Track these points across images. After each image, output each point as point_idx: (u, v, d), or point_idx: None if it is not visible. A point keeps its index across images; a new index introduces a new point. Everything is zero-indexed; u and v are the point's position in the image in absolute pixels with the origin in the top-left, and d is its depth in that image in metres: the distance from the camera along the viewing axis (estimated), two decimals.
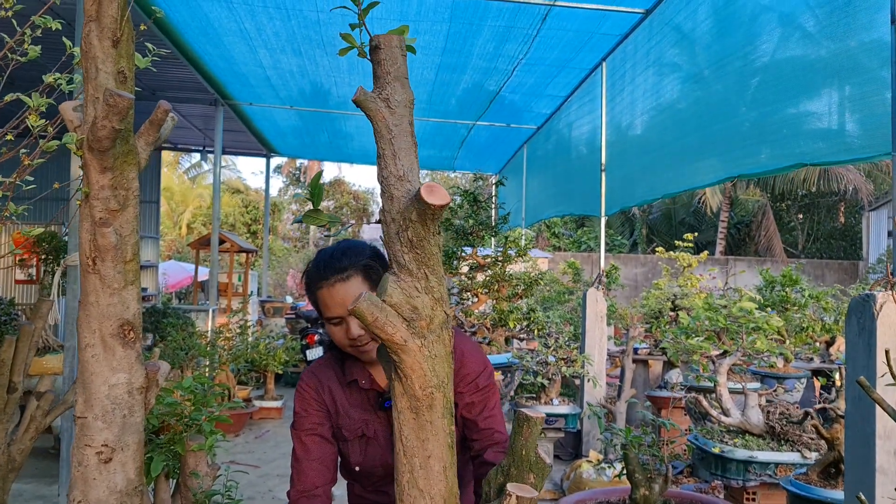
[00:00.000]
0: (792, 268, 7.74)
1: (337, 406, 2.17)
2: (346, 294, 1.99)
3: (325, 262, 2.05)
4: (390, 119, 1.36)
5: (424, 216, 1.27)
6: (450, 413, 1.36)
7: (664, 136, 5.76)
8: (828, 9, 3.59)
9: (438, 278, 1.33)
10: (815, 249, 25.27)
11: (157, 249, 14.01)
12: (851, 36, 3.35)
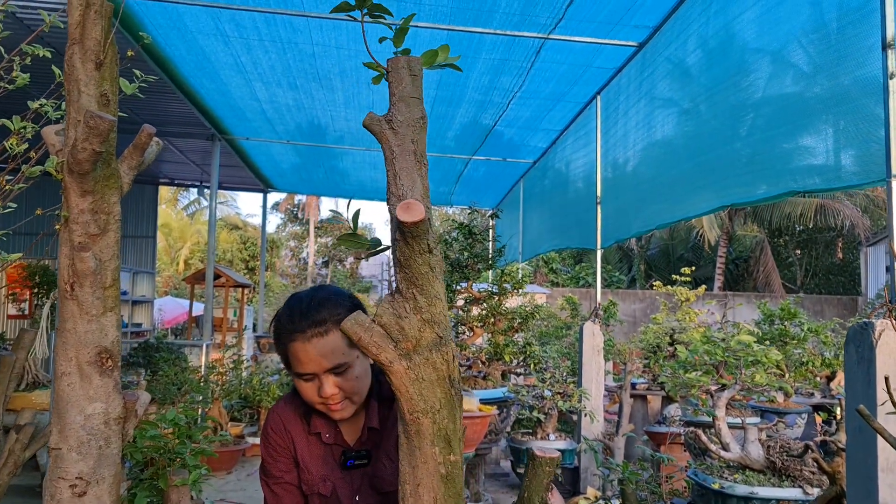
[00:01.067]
0: (791, 301, 7.69)
1: (297, 456, 2.01)
2: (322, 349, 1.83)
3: (300, 313, 1.88)
4: (393, 140, 1.39)
5: (405, 235, 1.29)
6: (445, 441, 1.30)
7: (658, 168, 5.76)
8: (820, 46, 3.63)
9: (428, 298, 1.33)
10: (813, 285, 25.23)
11: (153, 285, 13.94)
12: (844, 73, 3.38)
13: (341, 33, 5.94)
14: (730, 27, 4.55)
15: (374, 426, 1.98)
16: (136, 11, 5.87)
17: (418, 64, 1.46)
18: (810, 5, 3.69)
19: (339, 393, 1.86)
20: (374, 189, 13.63)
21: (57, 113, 2.76)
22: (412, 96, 1.41)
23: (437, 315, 1.32)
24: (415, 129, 1.39)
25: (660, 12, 5.33)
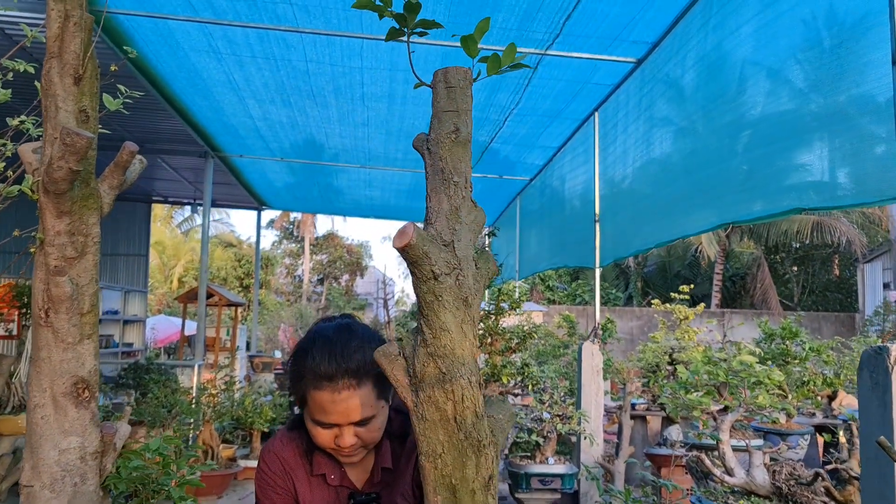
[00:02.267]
0: (791, 320, 7.58)
1: (299, 500, 1.86)
2: (352, 403, 1.67)
3: (331, 357, 1.68)
4: (428, 159, 1.40)
5: (406, 260, 1.28)
6: (449, 491, 1.20)
7: (657, 186, 5.67)
8: (816, 63, 3.58)
9: (433, 330, 1.29)
10: (810, 302, 25.15)
11: (145, 304, 13.79)
12: (841, 90, 3.33)
13: (335, 49, 5.86)
14: (728, 43, 4.48)
15: (387, 466, 1.85)
16: (125, 27, 5.79)
17: (457, 75, 1.42)
18: (805, 23, 3.63)
19: (357, 442, 1.73)
20: (370, 207, 13.53)
21: (38, 130, 2.65)
22: (445, 110, 1.38)
23: (441, 348, 1.24)
24: (444, 146, 1.36)
25: (659, 27, 5.26)
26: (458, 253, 1.35)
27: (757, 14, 3.93)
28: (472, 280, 1.34)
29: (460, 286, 1.32)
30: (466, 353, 1.30)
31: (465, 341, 1.30)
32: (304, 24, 5.51)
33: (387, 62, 6.02)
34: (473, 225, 1.40)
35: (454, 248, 1.35)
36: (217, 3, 5.24)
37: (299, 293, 39.15)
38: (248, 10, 5.32)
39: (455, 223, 1.38)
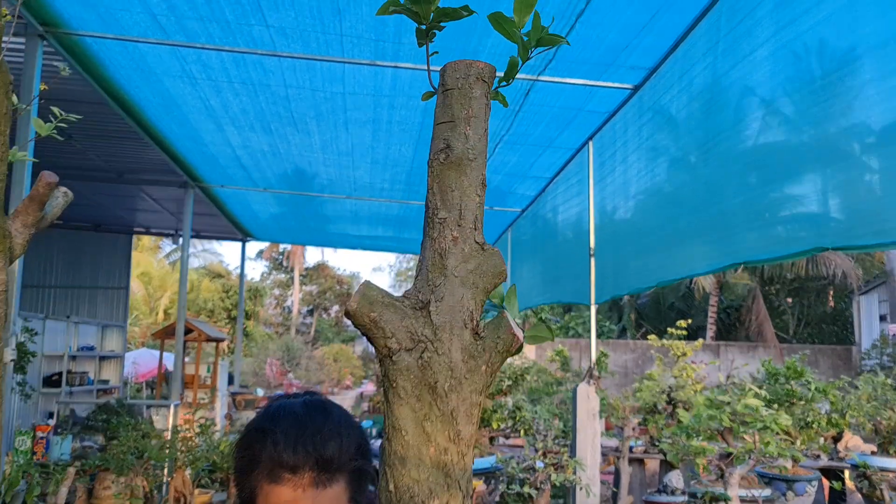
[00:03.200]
0: (796, 358, 7.22)
1: None
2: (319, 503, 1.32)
3: (300, 439, 1.34)
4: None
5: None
6: None
7: (658, 221, 5.35)
8: (804, 93, 3.46)
9: (387, 430, 1.04)
10: (806, 334, 24.82)
11: (123, 339, 13.31)
12: (830, 122, 3.23)
13: (315, 74, 5.55)
14: (736, 72, 4.18)
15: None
16: (94, 51, 5.47)
17: (455, 72, 1.04)
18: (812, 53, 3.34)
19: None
20: (358, 238, 13.20)
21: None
22: (439, 122, 1.05)
23: (393, 455, 0.91)
24: (433, 171, 1.03)
25: (657, 53, 4.97)
26: (436, 318, 0.97)
27: (769, 39, 3.63)
28: (457, 357, 0.97)
29: (425, 367, 0.95)
30: (429, 463, 0.94)
31: (426, 446, 0.93)
32: (283, 48, 5.20)
33: (370, 87, 5.70)
34: (473, 277, 1.00)
35: (429, 313, 0.98)
36: (189, 25, 4.92)
37: (288, 324, 38.63)
38: (221, 33, 5.01)
39: (438, 276, 1.01)
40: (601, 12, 4.34)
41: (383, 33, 4.81)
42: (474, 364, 0.95)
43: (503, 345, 0.96)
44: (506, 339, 0.96)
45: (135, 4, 4.59)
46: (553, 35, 1.06)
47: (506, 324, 0.97)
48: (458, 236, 1.00)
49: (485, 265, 1.00)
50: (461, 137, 1.02)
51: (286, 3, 4.49)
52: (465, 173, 1.01)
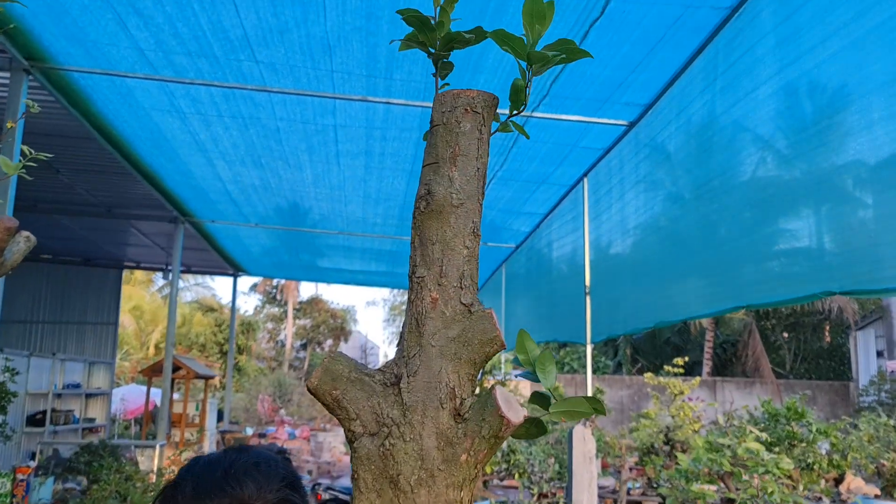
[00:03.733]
0: (796, 399, 7.06)
1: None
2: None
3: (209, 483, 1.22)
4: None
5: None
6: None
7: (653, 258, 5.24)
8: (797, 128, 3.45)
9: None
10: (803, 370, 24.63)
11: (111, 376, 13.06)
12: (823, 158, 3.21)
13: (306, 108, 5.47)
14: (732, 107, 4.11)
15: None
16: (81, 86, 5.38)
17: (442, 105, 0.92)
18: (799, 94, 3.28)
19: None
20: (351, 272, 13.07)
21: None
22: (424, 165, 0.94)
23: None
24: (415, 221, 0.92)
25: (653, 89, 4.90)
26: (407, 397, 0.84)
27: (772, 77, 3.55)
28: (430, 443, 0.82)
29: (387, 456, 0.81)
30: None
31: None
32: (272, 83, 5.12)
33: (362, 119, 5.62)
34: (455, 346, 0.84)
35: (400, 390, 0.84)
36: (177, 60, 4.84)
37: (281, 359, 38.26)
38: (210, 69, 4.93)
39: (413, 345, 0.86)
40: (596, 48, 4.27)
41: (374, 69, 4.73)
42: (452, 453, 0.79)
43: (489, 429, 0.79)
44: (492, 422, 0.79)
45: (122, 39, 4.51)
46: (575, 47, 0.93)
47: (493, 402, 0.80)
48: (437, 297, 0.85)
49: (471, 331, 0.84)
50: (444, 181, 0.88)
51: (276, 40, 4.42)
52: (448, 222, 0.87)
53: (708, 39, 4.24)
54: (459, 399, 0.82)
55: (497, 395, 0.81)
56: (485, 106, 0.90)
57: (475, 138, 0.89)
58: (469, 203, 0.89)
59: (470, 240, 0.88)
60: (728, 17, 4.04)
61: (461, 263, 0.87)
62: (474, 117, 0.90)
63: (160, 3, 4.04)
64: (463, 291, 0.86)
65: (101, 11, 4.20)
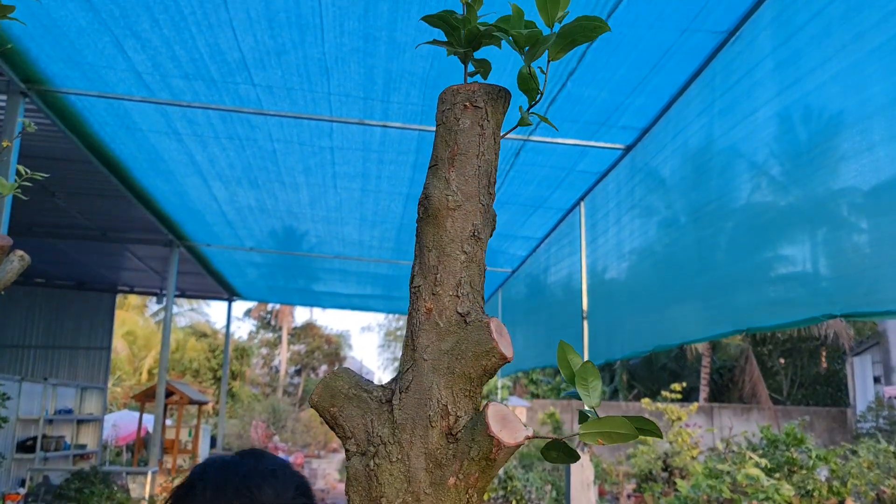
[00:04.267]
0: (795, 424, 7.01)
1: None
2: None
3: (227, 486, 1.21)
4: None
5: None
6: None
7: (651, 282, 5.22)
8: (791, 154, 3.47)
9: None
10: (800, 396, 24.52)
11: (104, 401, 12.91)
12: (818, 184, 3.23)
13: (303, 129, 5.46)
14: (731, 130, 4.11)
15: None
16: (78, 108, 5.38)
17: (444, 102, 0.87)
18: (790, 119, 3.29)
19: None
20: (346, 296, 13.01)
21: None
22: (428, 167, 0.88)
23: None
24: (417, 228, 0.86)
25: (650, 113, 4.91)
26: (399, 415, 0.79)
27: (773, 98, 3.56)
28: (418, 464, 0.77)
29: (371, 477, 0.77)
30: None
31: None
32: (269, 105, 5.12)
33: (359, 141, 5.61)
34: (448, 359, 0.78)
35: (392, 407, 0.80)
36: (174, 83, 4.84)
37: (275, 385, 37.99)
38: (207, 91, 4.93)
39: (407, 359, 0.82)
40: (593, 70, 4.28)
41: (371, 91, 4.74)
42: (440, 475, 0.74)
43: (479, 451, 0.72)
44: (482, 443, 0.72)
45: (118, 62, 4.51)
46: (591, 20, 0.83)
47: (482, 422, 0.73)
48: (431, 307, 0.80)
49: (464, 343, 0.78)
50: (441, 183, 0.83)
51: (273, 62, 4.42)
52: (444, 226, 0.82)
53: (704, 63, 4.26)
54: (454, 417, 0.76)
55: (489, 413, 0.73)
56: (488, 99, 0.86)
57: (476, 135, 0.85)
58: (468, 205, 0.84)
59: (469, 244, 0.83)
60: (724, 41, 4.06)
61: (458, 270, 0.82)
62: (475, 112, 0.85)
63: (157, 26, 4.05)
64: (460, 300, 0.81)
65: (98, 34, 4.20)
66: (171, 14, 3.93)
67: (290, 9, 3.85)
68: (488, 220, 0.86)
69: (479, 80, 0.92)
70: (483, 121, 0.85)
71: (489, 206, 0.86)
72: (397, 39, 3.99)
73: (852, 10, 2.85)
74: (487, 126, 0.85)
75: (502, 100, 0.88)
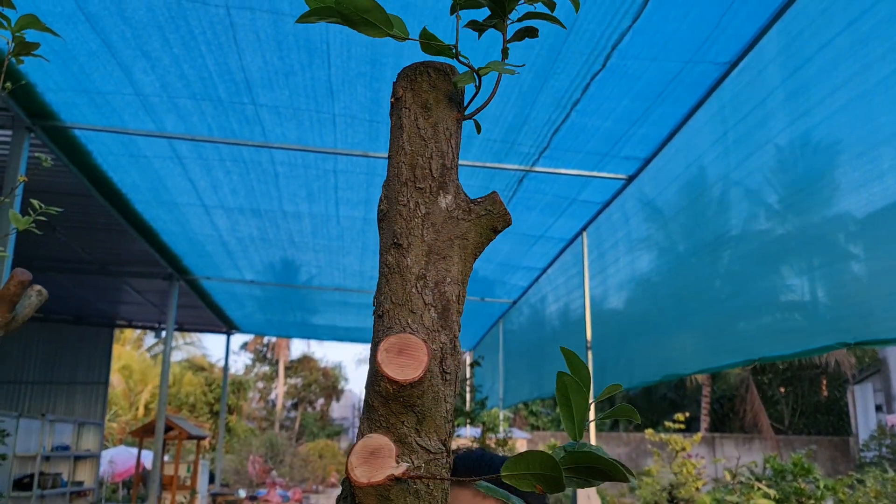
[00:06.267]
0: (802, 454, 6.95)
1: None
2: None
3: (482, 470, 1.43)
4: None
5: None
6: None
7: (655, 311, 5.22)
8: (786, 181, 3.55)
9: None
10: (802, 425, 24.37)
11: (100, 437, 12.76)
12: (814, 211, 3.30)
13: (308, 153, 5.46)
14: (732, 161, 4.14)
15: None
16: (82, 141, 5.38)
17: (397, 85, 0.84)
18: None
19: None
20: (345, 329, 12.95)
21: None
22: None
23: None
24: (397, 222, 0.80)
25: (652, 143, 4.93)
26: None
27: (782, 129, 3.59)
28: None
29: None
30: None
31: None
32: (274, 126, 5.09)
33: (363, 165, 5.61)
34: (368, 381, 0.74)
35: None
36: (181, 103, 4.80)
37: (272, 419, 37.63)
38: (214, 112, 4.87)
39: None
40: (598, 101, 4.32)
41: (377, 114, 4.75)
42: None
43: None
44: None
45: (126, 86, 4.52)
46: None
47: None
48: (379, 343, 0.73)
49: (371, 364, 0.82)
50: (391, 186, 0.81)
51: (280, 82, 4.42)
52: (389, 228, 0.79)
53: (707, 94, 4.29)
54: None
55: (355, 448, 0.68)
56: (407, 86, 0.82)
57: (396, 128, 0.81)
58: (391, 211, 0.80)
59: (392, 254, 0.78)
60: (727, 72, 4.10)
61: (382, 285, 0.78)
62: (396, 105, 0.82)
63: (168, 45, 4.05)
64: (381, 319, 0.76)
65: (106, 56, 4.19)
66: (182, 33, 3.94)
67: (298, 33, 3.87)
68: (418, 224, 0.78)
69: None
70: (402, 109, 0.81)
71: (421, 203, 0.79)
72: (405, 64, 4.01)
73: (858, 43, 2.89)
74: (407, 115, 0.81)
75: (424, 76, 0.83)
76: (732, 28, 3.69)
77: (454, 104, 0.84)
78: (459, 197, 0.81)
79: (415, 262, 0.77)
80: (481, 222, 0.78)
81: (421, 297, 0.76)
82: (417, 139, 0.81)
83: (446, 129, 0.82)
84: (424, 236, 0.78)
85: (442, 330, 0.76)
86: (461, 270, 0.80)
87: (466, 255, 0.80)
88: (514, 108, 4.47)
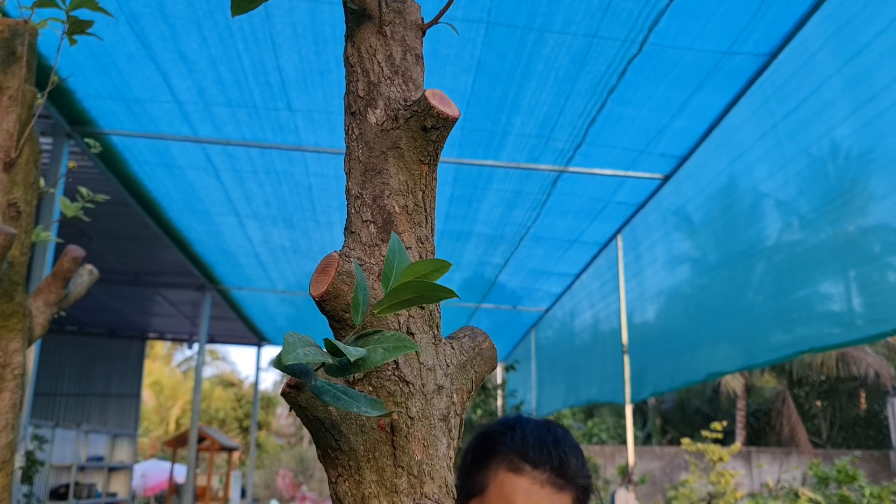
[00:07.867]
0: (847, 461, 6.76)
1: None
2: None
3: (544, 440, 1.40)
4: None
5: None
6: None
7: (692, 315, 5.14)
8: (819, 191, 3.53)
9: None
10: (840, 439, 23.79)
11: (134, 449, 12.85)
12: (849, 221, 3.28)
13: (340, 163, 5.46)
14: (777, 157, 4.06)
15: None
16: (120, 149, 5.44)
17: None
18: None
19: None
20: None
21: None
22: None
23: None
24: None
25: (689, 139, 4.85)
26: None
27: (832, 126, 3.51)
28: None
29: None
30: None
31: None
32: (308, 132, 5.09)
33: None
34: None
35: None
36: (217, 112, 4.85)
37: (301, 434, 37.68)
38: (248, 119, 4.92)
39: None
40: (633, 87, 4.24)
41: None
42: None
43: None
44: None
45: (164, 93, 4.56)
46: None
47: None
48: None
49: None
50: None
51: (314, 82, 4.42)
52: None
53: (746, 86, 4.21)
54: None
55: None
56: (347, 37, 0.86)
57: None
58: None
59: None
60: (767, 63, 4.02)
61: None
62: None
63: (205, 45, 4.06)
64: None
65: (145, 61, 4.22)
66: (220, 29, 3.94)
67: (336, 21, 3.85)
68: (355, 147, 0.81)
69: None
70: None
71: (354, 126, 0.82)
72: (439, 52, 3.98)
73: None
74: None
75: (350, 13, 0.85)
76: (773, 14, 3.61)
77: (374, 21, 0.84)
78: (389, 108, 0.80)
79: (354, 185, 0.79)
80: (410, 126, 0.77)
81: (359, 216, 0.78)
82: (349, 70, 0.83)
83: (368, 48, 0.83)
84: (360, 157, 0.80)
85: (382, 243, 0.77)
86: (403, 181, 0.79)
87: (406, 163, 0.79)
88: (549, 97, 4.39)
